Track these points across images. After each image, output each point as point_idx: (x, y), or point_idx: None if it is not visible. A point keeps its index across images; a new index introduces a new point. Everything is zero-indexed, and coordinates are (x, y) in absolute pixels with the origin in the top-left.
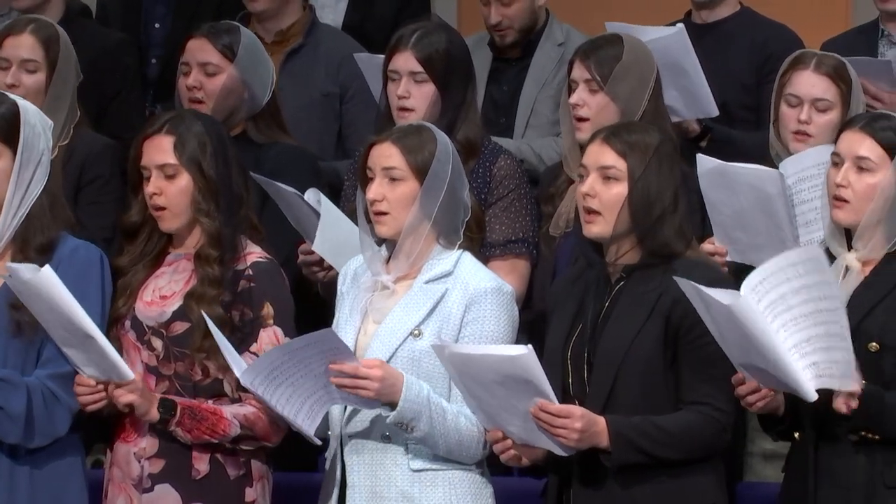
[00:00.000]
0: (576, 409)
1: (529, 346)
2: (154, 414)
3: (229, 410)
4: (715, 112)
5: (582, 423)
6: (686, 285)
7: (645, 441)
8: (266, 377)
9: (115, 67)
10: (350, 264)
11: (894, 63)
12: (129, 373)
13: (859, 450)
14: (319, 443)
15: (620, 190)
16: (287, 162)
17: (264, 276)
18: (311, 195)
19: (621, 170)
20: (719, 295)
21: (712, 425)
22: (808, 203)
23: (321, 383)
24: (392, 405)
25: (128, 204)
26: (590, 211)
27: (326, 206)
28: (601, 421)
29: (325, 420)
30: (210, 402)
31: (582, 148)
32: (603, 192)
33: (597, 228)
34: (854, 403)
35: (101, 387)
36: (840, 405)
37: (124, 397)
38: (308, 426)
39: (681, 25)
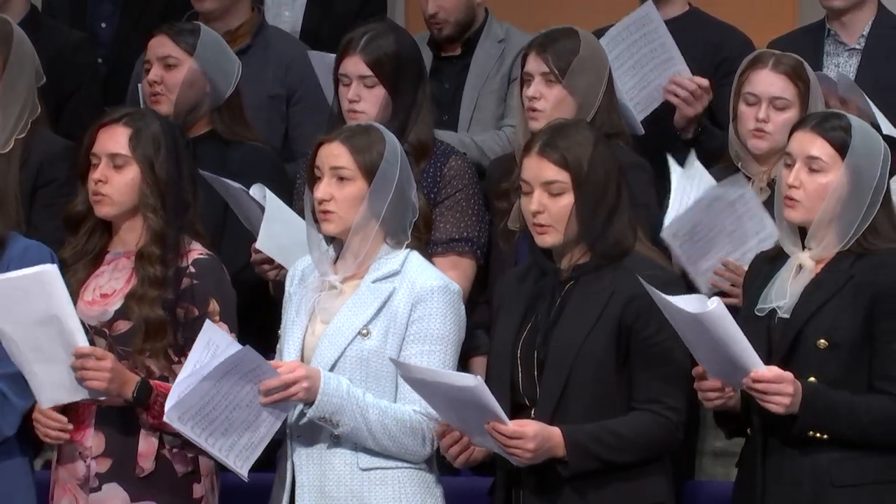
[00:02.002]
0: (528, 430)
1: (479, 377)
2: (127, 395)
3: None
4: (640, 131)
5: (534, 444)
6: (654, 291)
7: (601, 448)
8: (197, 413)
9: (72, 66)
10: (297, 265)
11: (838, 79)
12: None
13: (807, 448)
14: (246, 478)
15: (567, 201)
16: (254, 162)
17: (207, 272)
18: (257, 190)
19: (565, 182)
20: (684, 302)
21: (665, 425)
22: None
23: (255, 414)
24: (312, 403)
25: (75, 192)
26: (540, 225)
27: (272, 202)
28: (555, 434)
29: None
30: None
31: None
32: (550, 205)
33: (550, 239)
34: None
35: (71, 426)
36: None
37: (95, 383)
38: (241, 464)
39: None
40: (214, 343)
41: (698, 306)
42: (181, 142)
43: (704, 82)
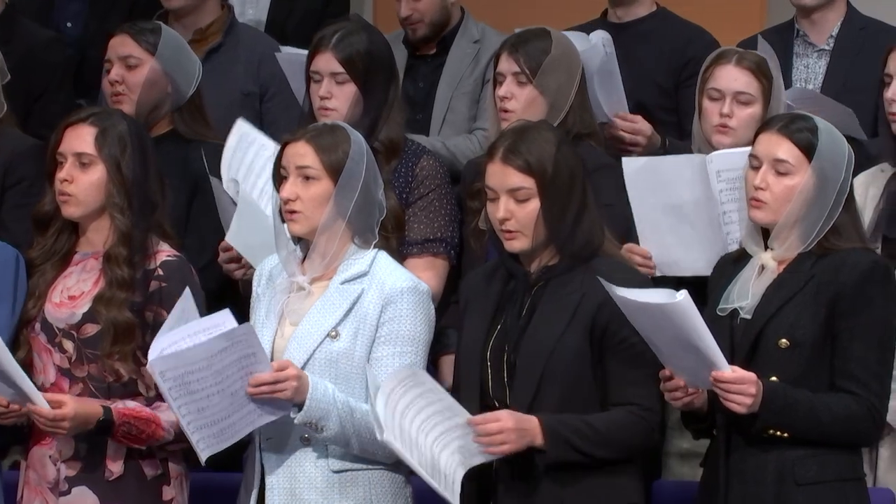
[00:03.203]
0: (501, 414)
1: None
2: (89, 427)
3: (163, 418)
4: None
5: (513, 422)
6: (613, 290)
7: (578, 439)
8: (180, 376)
9: (43, 66)
10: (264, 265)
11: (791, 98)
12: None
13: (770, 447)
14: (203, 463)
15: (534, 206)
16: (216, 161)
17: (175, 274)
18: (231, 185)
19: (530, 188)
20: (652, 295)
21: (642, 425)
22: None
23: (236, 406)
24: (298, 406)
25: (44, 192)
26: (508, 231)
27: (244, 197)
28: (532, 419)
29: None
30: (139, 402)
31: None
32: (517, 211)
33: (518, 244)
34: None
35: (15, 406)
36: None
37: (57, 433)
38: (203, 447)
39: (596, 41)
40: (219, 318)
41: (666, 298)
42: (148, 141)
43: (644, 128)
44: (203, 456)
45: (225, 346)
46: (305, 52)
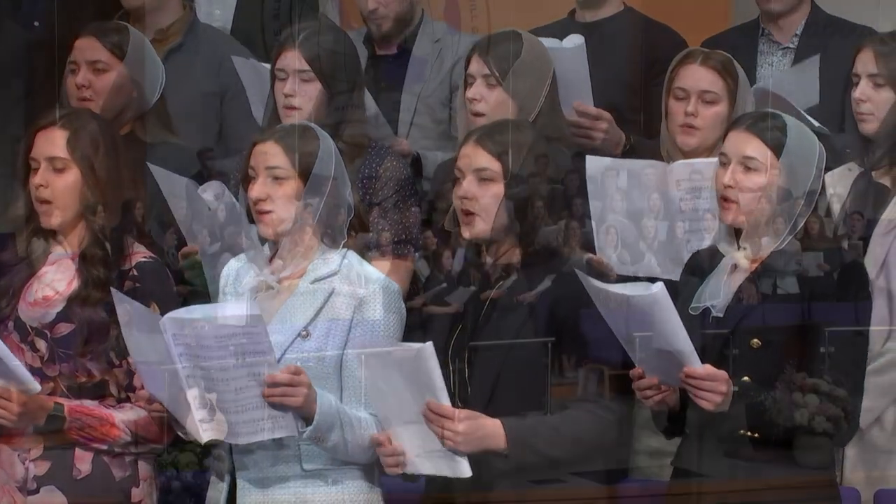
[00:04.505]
0: (461, 413)
1: (430, 343)
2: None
3: (120, 417)
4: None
5: (464, 427)
6: (588, 280)
7: (540, 441)
8: (190, 347)
9: (25, 68)
10: (231, 264)
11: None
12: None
13: (742, 447)
14: (202, 444)
15: (497, 191)
16: (176, 162)
17: (150, 275)
18: (215, 188)
19: (496, 171)
20: (626, 288)
21: (602, 423)
22: (706, 211)
23: (242, 405)
24: (305, 418)
25: (16, 196)
26: (467, 213)
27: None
28: (491, 424)
29: None
30: (99, 403)
31: None
32: (479, 193)
33: (476, 229)
34: None
35: None
36: None
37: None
38: (206, 427)
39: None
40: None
41: (641, 290)
42: (120, 140)
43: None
44: (204, 437)
45: (234, 330)
46: (265, 64)
